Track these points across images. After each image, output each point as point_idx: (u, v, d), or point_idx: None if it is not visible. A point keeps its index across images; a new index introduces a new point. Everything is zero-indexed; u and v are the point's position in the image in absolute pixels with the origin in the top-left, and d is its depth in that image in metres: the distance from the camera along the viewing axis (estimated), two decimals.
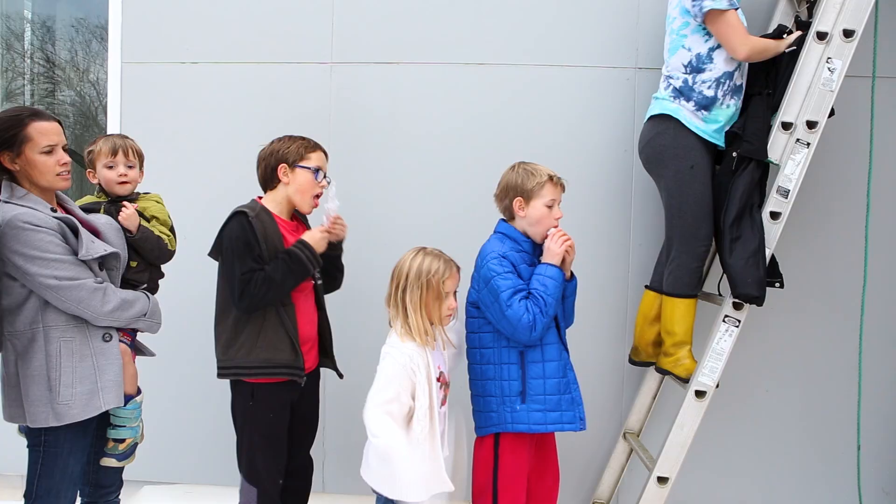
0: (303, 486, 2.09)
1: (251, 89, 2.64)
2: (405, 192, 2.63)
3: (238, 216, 1.87)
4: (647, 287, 2.44)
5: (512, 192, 1.97)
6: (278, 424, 1.93)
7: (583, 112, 2.60)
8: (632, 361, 2.50)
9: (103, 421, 1.86)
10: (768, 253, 2.13)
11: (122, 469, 1.95)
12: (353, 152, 2.64)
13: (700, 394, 2.15)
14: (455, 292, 1.88)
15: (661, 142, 2.24)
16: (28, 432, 1.75)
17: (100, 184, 2.01)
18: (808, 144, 2.12)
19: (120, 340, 1.81)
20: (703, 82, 2.19)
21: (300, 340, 1.91)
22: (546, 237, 1.96)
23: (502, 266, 1.90)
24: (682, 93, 2.21)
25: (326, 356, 2.09)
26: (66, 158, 1.73)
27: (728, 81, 2.20)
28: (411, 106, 2.63)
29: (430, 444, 1.78)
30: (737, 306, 2.14)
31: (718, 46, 2.19)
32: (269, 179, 1.98)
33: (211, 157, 2.64)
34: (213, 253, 1.96)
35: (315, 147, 2.00)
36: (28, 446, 1.75)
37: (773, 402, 2.63)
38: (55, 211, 1.72)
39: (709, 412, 2.17)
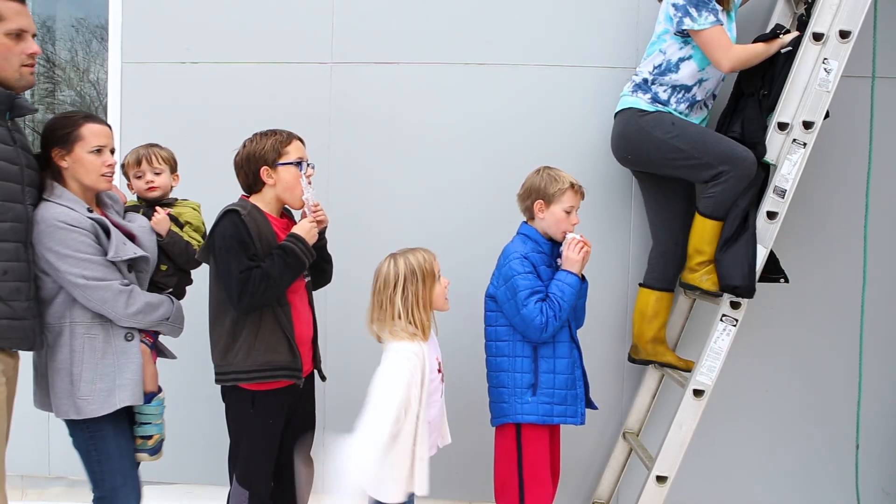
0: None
1: (251, 89, 2.65)
2: (405, 192, 2.64)
3: (230, 214, 1.83)
4: (641, 285, 2.45)
5: (534, 195, 2.06)
6: (276, 429, 1.92)
7: (583, 112, 2.61)
8: (631, 359, 2.51)
9: (132, 418, 1.91)
10: (764, 252, 2.14)
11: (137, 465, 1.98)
12: (353, 152, 2.65)
13: (698, 393, 2.16)
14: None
15: (630, 128, 2.30)
16: (69, 426, 1.80)
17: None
18: (805, 145, 2.12)
19: (141, 341, 1.87)
20: (661, 85, 2.26)
21: (297, 341, 1.90)
22: (563, 237, 2.05)
23: (523, 266, 1.99)
24: (640, 87, 2.30)
25: (314, 357, 2.07)
26: (112, 161, 1.82)
27: (683, 93, 2.27)
28: (411, 106, 2.64)
29: (412, 444, 1.76)
30: (734, 305, 2.15)
31: (689, 58, 2.24)
32: (253, 184, 1.93)
33: (211, 157, 2.64)
34: (203, 255, 1.92)
35: (289, 139, 1.92)
36: (75, 444, 1.81)
37: (773, 401, 2.64)
38: (91, 211, 1.79)
39: (708, 412, 2.17)
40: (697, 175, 2.24)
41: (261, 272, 1.79)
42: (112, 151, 1.83)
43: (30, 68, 1.68)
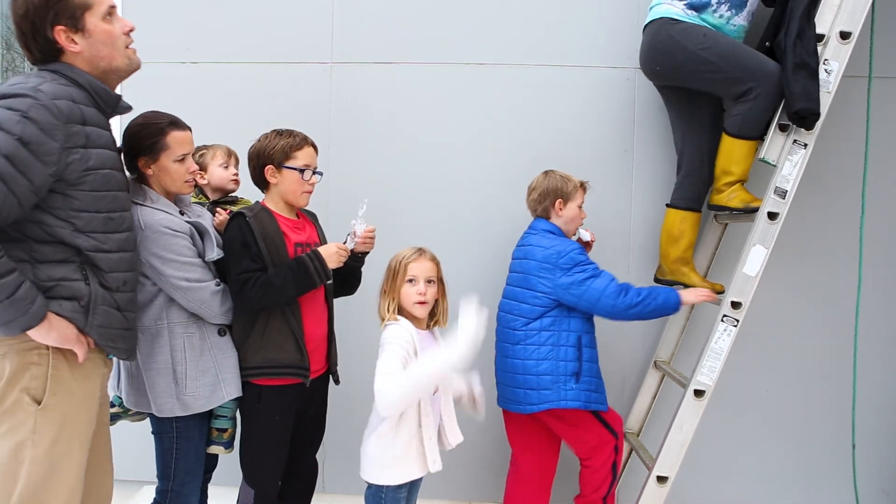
0: (307, 487, 2.08)
1: (251, 89, 2.64)
2: (405, 192, 2.64)
3: (236, 218, 1.87)
4: (667, 205, 2.44)
5: (553, 195, 2.23)
6: (283, 427, 1.91)
7: (583, 112, 2.61)
8: (656, 279, 2.52)
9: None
10: (765, 252, 2.14)
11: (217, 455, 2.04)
12: (352, 152, 2.65)
13: (699, 393, 2.16)
14: (430, 281, 1.86)
15: (661, 38, 2.27)
16: (157, 420, 1.83)
17: (198, 186, 2.14)
18: (806, 145, 2.13)
19: None
20: None
21: (306, 340, 1.90)
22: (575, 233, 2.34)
23: (584, 256, 2.17)
24: None
25: (328, 357, 2.05)
26: (195, 167, 1.85)
27: None
28: (411, 106, 2.64)
29: (415, 431, 1.80)
30: (735, 306, 2.15)
31: None
32: (259, 180, 1.96)
33: None
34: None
35: (301, 144, 1.93)
36: (156, 433, 1.86)
37: (772, 401, 2.64)
38: (183, 214, 1.81)
39: (708, 412, 2.17)
40: (726, 90, 2.22)
41: (262, 279, 1.80)
42: (193, 156, 1.86)
43: (133, 49, 1.63)
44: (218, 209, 2.02)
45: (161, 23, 2.67)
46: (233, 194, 2.22)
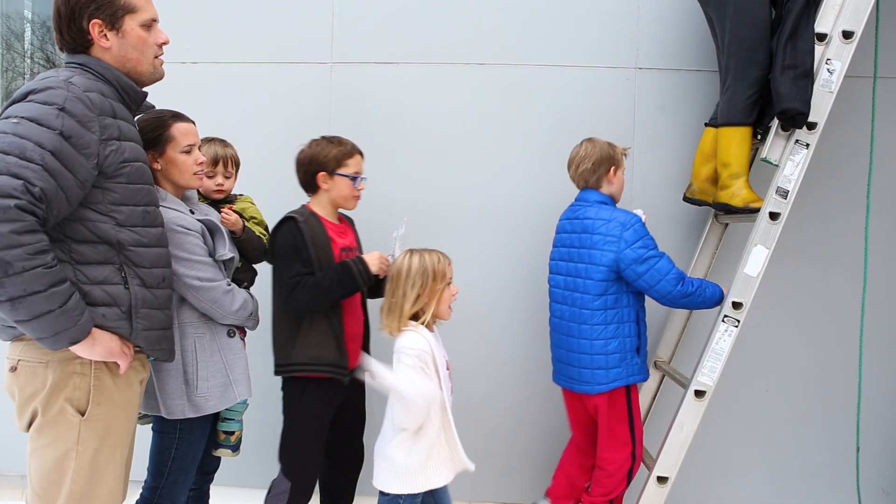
0: (354, 468, 2.18)
1: (251, 89, 2.64)
2: (405, 192, 2.63)
3: (288, 222, 1.96)
4: (706, 124, 2.44)
5: (607, 163, 2.23)
6: (325, 418, 2.00)
7: (583, 112, 2.60)
8: (685, 198, 2.52)
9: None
10: (767, 253, 2.13)
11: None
12: None
13: (699, 393, 2.15)
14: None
15: None
16: (161, 419, 1.82)
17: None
18: (808, 146, 2.12)
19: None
20: None
21: (347, 338, 1.99)
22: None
23: (646, 230, 2.15)
24: None
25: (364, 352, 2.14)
26: (203, 158, 1.84)
27: None
28: (411, 106, 2.63)
29: (434, 438, 1.79)
30: (736, 306, 2.14)
31: None
32: (309, 184, 2.06)
33: None
34: (268, 258, 2.06)
35: (352, 152, 2.06)
36: (158, 430, 1.85)
37: (773, 402, 2.64)
38: (193, 213, 1.81)
39: (709, 412, 2.17)
40: (726, 52, 2.25)
41: (312, 281, 1.91)
42: (199, 148, 1.84)
43: (160, 60, 1.64)
44: (223, 210, 1.98)
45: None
46: (231, 193, 2.18)
